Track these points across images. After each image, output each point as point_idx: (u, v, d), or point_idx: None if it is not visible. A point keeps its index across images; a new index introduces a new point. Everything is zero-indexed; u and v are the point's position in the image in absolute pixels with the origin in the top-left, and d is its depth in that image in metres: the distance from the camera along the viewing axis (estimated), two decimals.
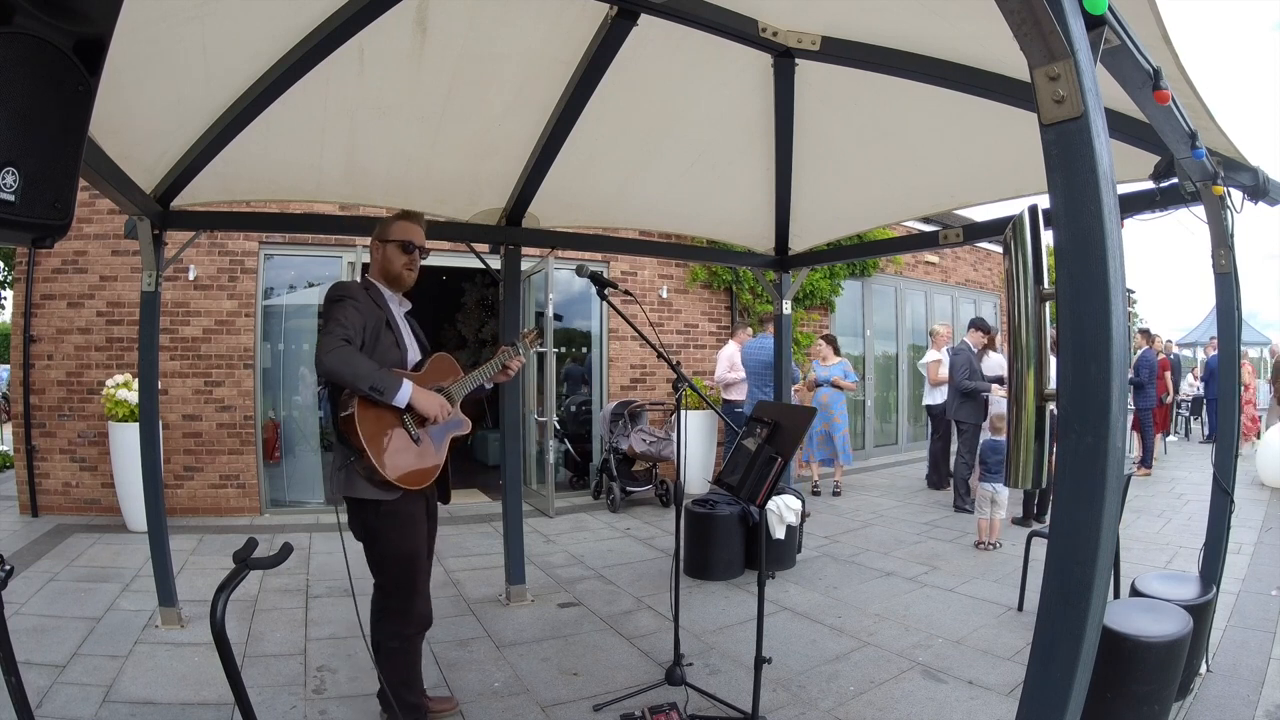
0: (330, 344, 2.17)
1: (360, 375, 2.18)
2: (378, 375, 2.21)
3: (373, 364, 2.25)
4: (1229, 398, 3.04)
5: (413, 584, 2.44)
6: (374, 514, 2.35)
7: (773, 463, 2.48)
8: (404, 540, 2.40)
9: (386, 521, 2.36)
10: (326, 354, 2.16)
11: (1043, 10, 1.05)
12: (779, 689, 2.97)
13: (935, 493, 7.47)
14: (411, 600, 2.43)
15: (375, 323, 2.39)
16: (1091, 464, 1.07)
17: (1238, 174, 2.68)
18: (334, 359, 2.16)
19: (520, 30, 2.72)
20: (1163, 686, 2.36)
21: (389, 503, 2.34)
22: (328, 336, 2.21)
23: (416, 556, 2.45)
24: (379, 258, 2.58)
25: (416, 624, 2.47)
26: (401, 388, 2.26)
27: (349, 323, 2.27)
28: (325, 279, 6.81)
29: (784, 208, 4.35)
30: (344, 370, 2.17)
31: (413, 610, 2.44)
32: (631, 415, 7.08)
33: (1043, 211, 1.29)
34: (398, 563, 2.41)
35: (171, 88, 2.63)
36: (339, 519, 2.41)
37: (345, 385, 2.21)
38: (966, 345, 6.82)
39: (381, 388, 2.21)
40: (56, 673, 2.97)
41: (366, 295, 2.44)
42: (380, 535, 2.38)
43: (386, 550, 2.39)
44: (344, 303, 2.33)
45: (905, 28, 2.52)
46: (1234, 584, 4.13)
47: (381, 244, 2.57)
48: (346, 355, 2.18)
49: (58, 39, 1.05)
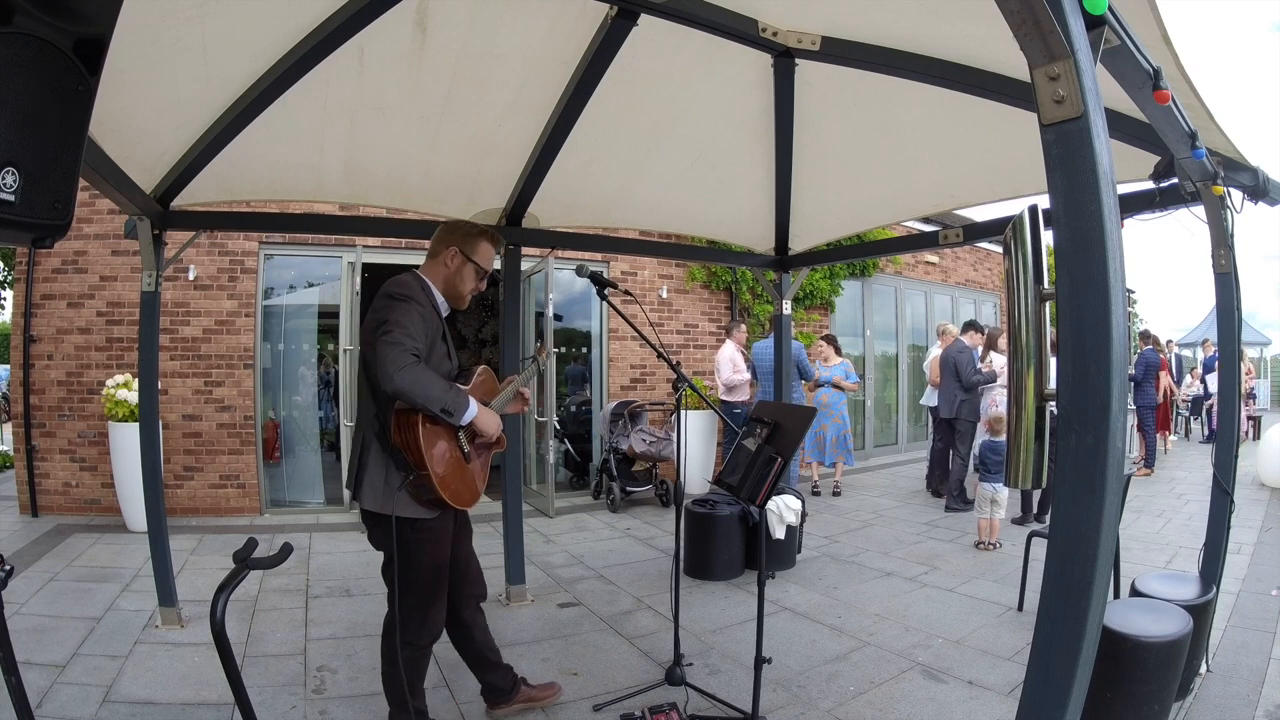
0: (402, 359, 2.04)
1: (432, 398, 2.09)
2: (448, 396, 2.14)
3: (443, 383, 2.16)
4: (1229, 398, 3.04)
5: (434, 596, 2.39)
6: (410, 530, 2.25)
7: (773, 463, 2.48)
8: (435, 555, 2.35)
9: (423, 537, 2.29)
10: (399, 371, 2.02)
11: (1043, 10, 1.05)
12: (779, 689, 2.97)
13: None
14: (429, 610, 2.39)
15: (433, 332, 2.29)
16: (1091, 464, 1.07)
17: (1238, 174, 2.68)
18: (406, 379, 2.03)
19: (520, 30, 2.72)
20: (1163, 686, 2.36)
21: (429, 520, 2.29)
22: (397, 349, 2.05)
23: (443, 569, 2.40)
24: (452, 268, 2.44)
25: (431, 633, 2.43)
26: (469, 407, 2.21)
27: (416, 333, 2.15)
28: (325, 279, 6.82)
29: (784, 208, 4.36)
30: (415, 390, 2.05)
31: (429, 620, 2.39)
32: (631, 415, 7.08)
33: (1043, 211, 1.29)
34: (425, 575, 2.34)
35: (171, 88, 2.63)
36: (392, 528, 2.24)
37: (413, 404, 2.10)
38: (966, 346, 6.84)
39: (452, 409, 2.14)
40: (56, 673, 2.97)
41: (427, 300, 2.33)
42: (414, 551, 2.28)
43: (416, 564, 2.30)
44: (409, 305, 2.20)
45: (905, 28, 2.52)
46: (1234, 584, 4.13)
47: (464, 259, 2.44)
48: (419, 374, 2.07)
49: (58, 39, 1.05)
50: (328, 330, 7.05)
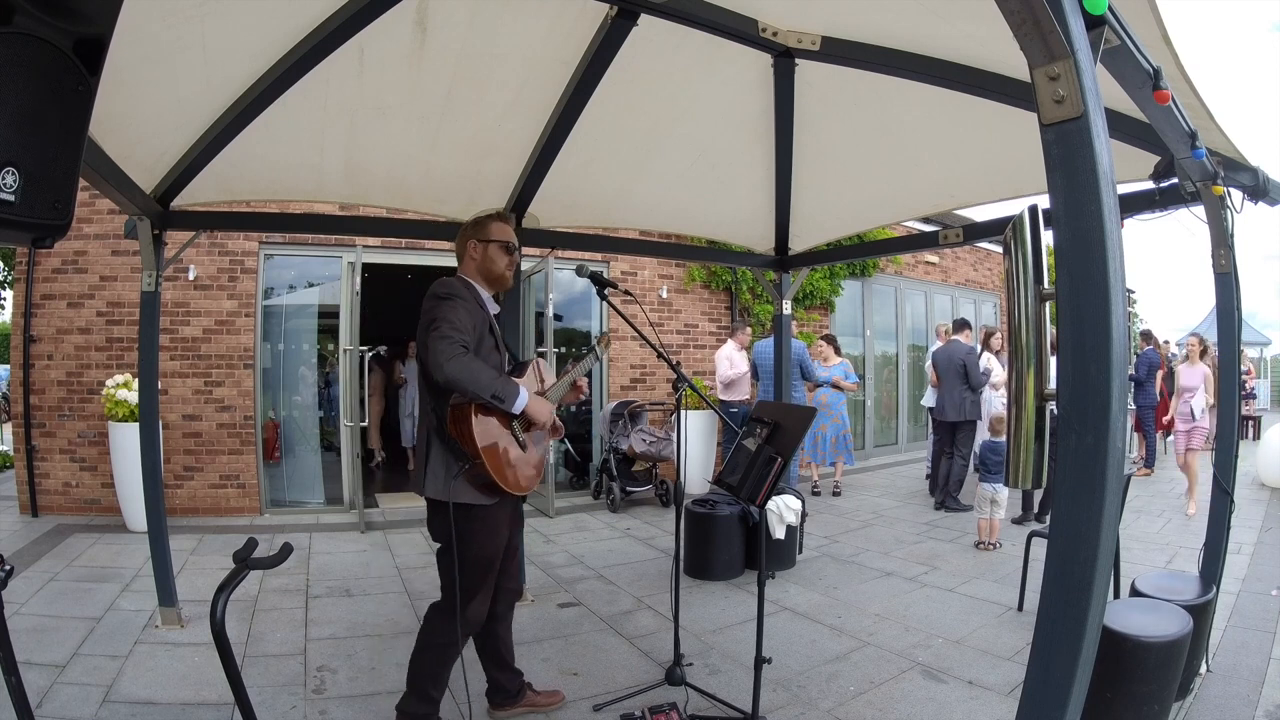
0: (450, 350, 2.14)
1: (482, 384, 2.18)
2: (498, 383, 2.22)
3: (492, 371, 2.25)
4: (1229, 398, 3.04)
5: (481, 585, 2.43)
6: (466, 518, 2.32)
7: (773, 463, 2.48)
8: (489, 543, 2.41)
9: (478, 526, 2.35)
10: (449, 361, 2.12)
11: (1043, 10, 1.05)
12: (779, 689, 2.97)
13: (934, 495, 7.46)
14: (471, 601, 2.41)
15: (481, 325, 2.38)
16: (1091, 464, 1.07)
17: (1238, 174, 2.68)
18: (456, 367, 2.13)
19: (520, 30, 2.72)
20: (1163, 686, 2.36)
21: (486, 507, 2.34)
22: (446, 342, 2.15)
23: (494, 561, 2.45)
24: (479, 257, 2.54)
25: (469, 624, 2.45)
26: (520, 395, 2.27)
27: (464, 326, 2.24)
28: (325, 279, 6.82)
29: (784, 208, 4.35)
30: (465, 378, 2.15)
31: (470, 611, 2.42)
32: (631, 415, 7.08)
33: (1043, 211, 1.29)
34: (478, 564, 2.39)
35: (171, 88, 2.63)
36: (451, 516, 2.29)
37: (464, 393, 2.19)
38: (971, 347, 6.81)
39: (502, 395, 2.22)
40: (56, 673, 2.97)
41: (471, 297, 2.42)
42: (469, 539, 2.35)
43: (469, 554, 2.36)
44: (454, 302, 2.29)
45: (905, 28, 2.52)
46: (1234, 584, 4.13)
47: (483, 244, 2.54)
48: (468, 363, 2.17)
49: (58, 39, 1.05)
50: (328, 330, 7.05)
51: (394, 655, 3.28)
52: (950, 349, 6.81)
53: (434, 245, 6.56)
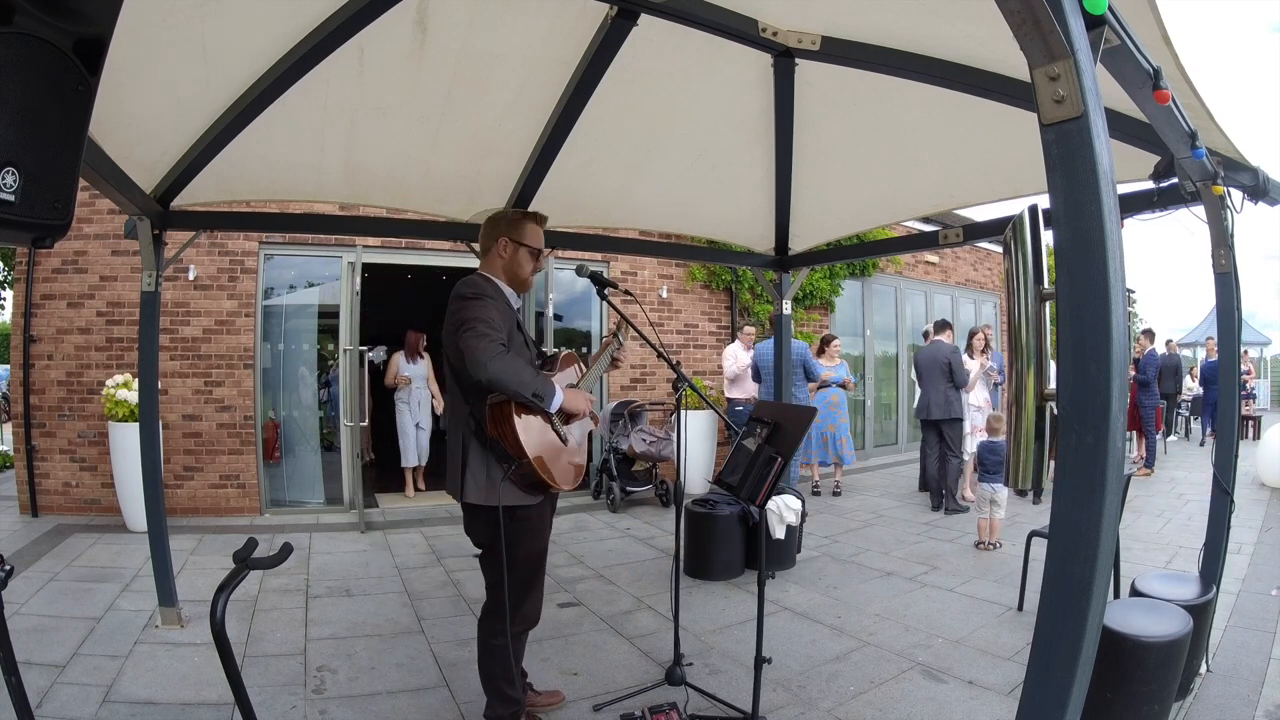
0: (492, 349, 2.12)
1: (524, 383, 2.16)
2: (538, 382, 2.21)
3: (531, 369, 2.23)
4: (1229, 398, 3.04)
5: (532, 583, 2.43)
6: (511, 518, 2.28)
7: (773, 463, 2.48)
8: (536, 541, 2.41)
9: (523, 525, 2.34)
10: (491, 360, 2.10)
11: (1043, 10, 1.05)
12: (779, 689, 2.97)
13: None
14: (526, 598, 2.41)
15: (509, 323, 2.36)
16: (1091, 464, 1.07)
17: (1238, 174, 2.68)
18: (498, 367, 2.11)
19: (520, 30, 2.71)
20: (1163, 686, 2.36)
21: (531, 506, 2.34)
22: (485, 340, 2.13)
23: (542, 557, 2.46)
24: (507, 257, 2.49)
25: (525, 621, 2.45)
26: (555, 393, 2.26)
27: (497, 324, 2.22)
28: (325, 279, 6.82)
29: (784, 207, 4.35)
30: (509, 377, 2.13)
31: (524, 608, 2.42)
32: (631, 415, 7.08)
33: (1043, 211, 1.29)
34: (527, 563, 2.39)
35: (171, 88, 2.63)
36: (502, 522, 2.24)
37: (506, 391, 2.16)
38: (955, 346, 6.84)
39: (543, 394, 2.21)
40: (56, 673, 2.97)
41: (498, 294, 2.40)
42: (516, 539, 2.31)
43: (517, 552, 2.33)
44: (484, 301, 2.27)
45: (905, 28, 2.52)
46: (1234, 584, 4.13)
47: (515, 245, 2.49)
48: (509, 362, 2.14)
49: (58, 39, 1.05)
50: (328, 330, 7.04)
51: (394, 655, 3.28)
52: (934, 349, 6.81)
53: (434, 245, 6.56)
